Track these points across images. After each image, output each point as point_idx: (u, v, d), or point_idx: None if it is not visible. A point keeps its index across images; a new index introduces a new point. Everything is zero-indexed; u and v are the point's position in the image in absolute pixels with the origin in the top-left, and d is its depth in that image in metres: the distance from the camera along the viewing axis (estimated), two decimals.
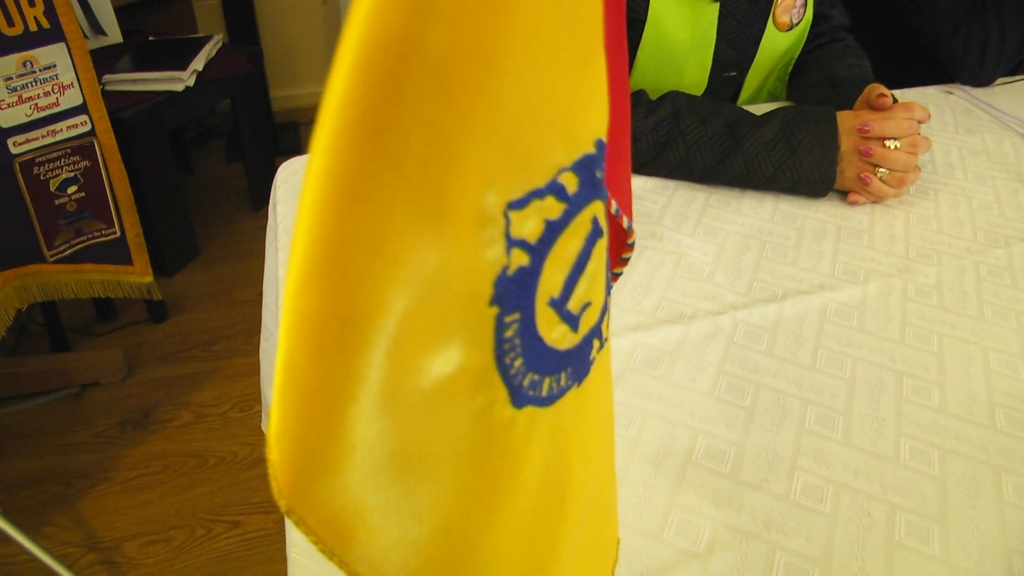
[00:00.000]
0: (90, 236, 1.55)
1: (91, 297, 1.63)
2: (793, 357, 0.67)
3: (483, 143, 0.20)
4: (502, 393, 0.24)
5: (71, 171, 1.46)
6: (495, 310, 0.22)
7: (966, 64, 1.23)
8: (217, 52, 2.25)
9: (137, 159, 1.88)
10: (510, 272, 0.22)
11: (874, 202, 0.92)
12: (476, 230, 0.21)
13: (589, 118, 0.23)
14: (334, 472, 0.24)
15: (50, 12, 1.34)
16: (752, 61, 1.07)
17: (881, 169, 0.88)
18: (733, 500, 0.54)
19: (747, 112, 0.90)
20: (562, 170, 0.22)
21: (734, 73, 1.07)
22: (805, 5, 1.07)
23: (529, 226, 0.22)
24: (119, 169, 1.52)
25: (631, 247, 0.34)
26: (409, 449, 0.24)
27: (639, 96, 0.92)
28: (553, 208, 0.22)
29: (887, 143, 0.87)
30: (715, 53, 1.02)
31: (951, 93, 1.25)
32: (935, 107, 1.21)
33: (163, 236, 2.10)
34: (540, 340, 0.24)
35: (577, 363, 0.26)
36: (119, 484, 1.57)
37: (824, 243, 0.83)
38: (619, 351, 0.65)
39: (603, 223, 0.25)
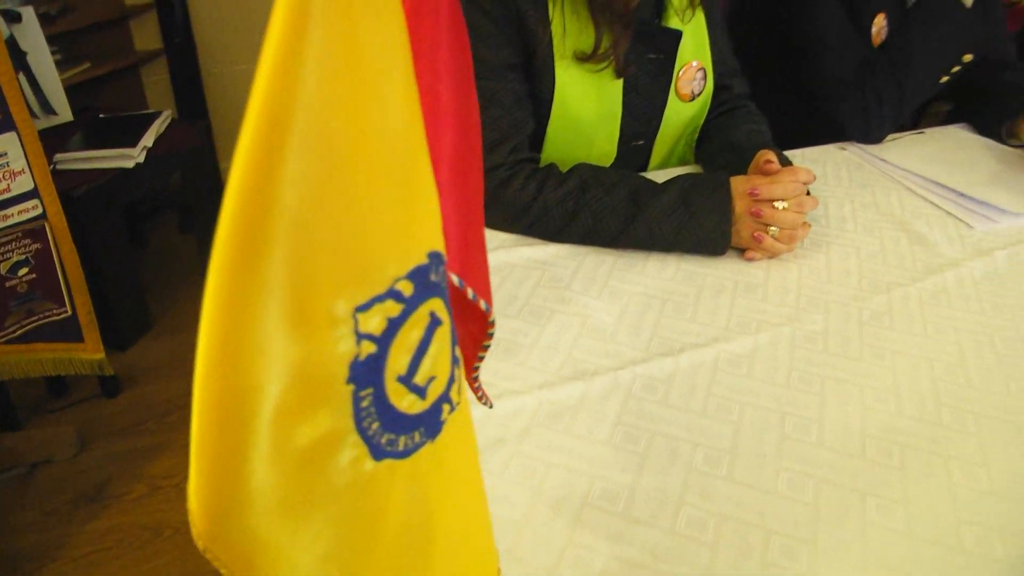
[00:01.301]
0: (41, 316, 1.59)
1: (42, 375, 1.66)
2: (686, 405, 0.75)
3: (332, 268, 0.28)
4: (363, 450, 0.31)
5: (22, 254, 1.51)
6: (351, 387, 0.29)
7: (855, 124, 1.35)
8: (167, 127, 2.32)
9: (90, 236, 1.93)
10: (361, 358, 0.29)
11: (770, 257, 1.01)
12: (331, 329, 0.28)
13: (421, 236, 0.31)
14: (238, 516, 0.30)
15: (0, 102, 1.40)
16: (658, 131, 1.16)
17: (772, 228, 0.97)
18: (624, 535, 0.61)
19: (649, 181, 0.99)
20: (398, 279, 0.29)
21: (642, 142, 1.17)
22: (705, 77, 1.17)
23: (374, 323, 0.29)
24: (70, 250, 1.57)
25: (492, 324, 0.41)
26: (294, 496, 0.30)
27: (549, 170, 1.01)
28: (393, 308, 0.29)
29: (776, 204, 0.97)
30: (622, 125, 1.11)
31: (845, 149, 1.36)
32: (832, 164, 1.32)
33: (116, 311, 2.14)
34: (392, 408, 0.31)
35: (429, 424, 0.33)
36: (71, 562, 1.58)
37: (721, 298, 0.92)
38: (525, 409, 0.73)
39: (442, 315, 0.32)
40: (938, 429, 0.76)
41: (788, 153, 1.34)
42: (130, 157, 2.08)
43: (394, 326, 0.30)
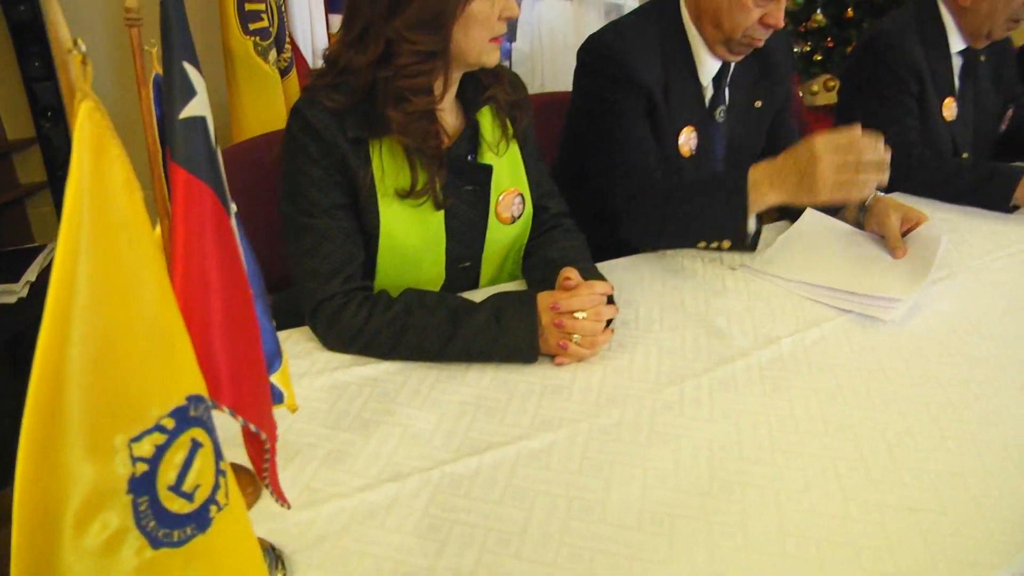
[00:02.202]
0: None
1: None
2: (485, 496, 0.89)
3: (111, 412, 0.42)
4: (144, 542, 0.44)
5: None
6: (131, 496, 0.43)
7: (633, 233, 1.54)
8: (51, 260, 2.38)
9: None
10: (137, 475, 0.43)
11: (577, 361, 1.16)
12: (113, 455, 0.42)
13: (179, 384, 0.45)
14: None
15: None
16: (482, 253, 1.32)
17: (575, 336, 1.13)
18: None
19: (466, 301, 1.15)
20: (161, 417, 0.43)
21: (468, 264, 1.32)
22: (524, 201, 1.34)
23: (144, 449, 0.43)
24: None
25: (266, 441, 0.55)
26: None
27: (379, 296, 1.16)
28: (159, 438, 0.43)
29: (576, 315, 1.13)
30: (447, 250, 1.26)
31: (665, 256, 1.54)
32: (648, 270, 1.48)
33: None
34: (166, 510, 0.44)
35: (199, 520, 0.46)
36: None
37: (529, 401, 1.07)
38: (346, 509, 0.86)
39: (203, 439, 0.46)
40: (708, 499, 0.91)
41: (611, 263, 1.51)
42: (12, 292, 2.14)
43: (161, 450, 0.43)
